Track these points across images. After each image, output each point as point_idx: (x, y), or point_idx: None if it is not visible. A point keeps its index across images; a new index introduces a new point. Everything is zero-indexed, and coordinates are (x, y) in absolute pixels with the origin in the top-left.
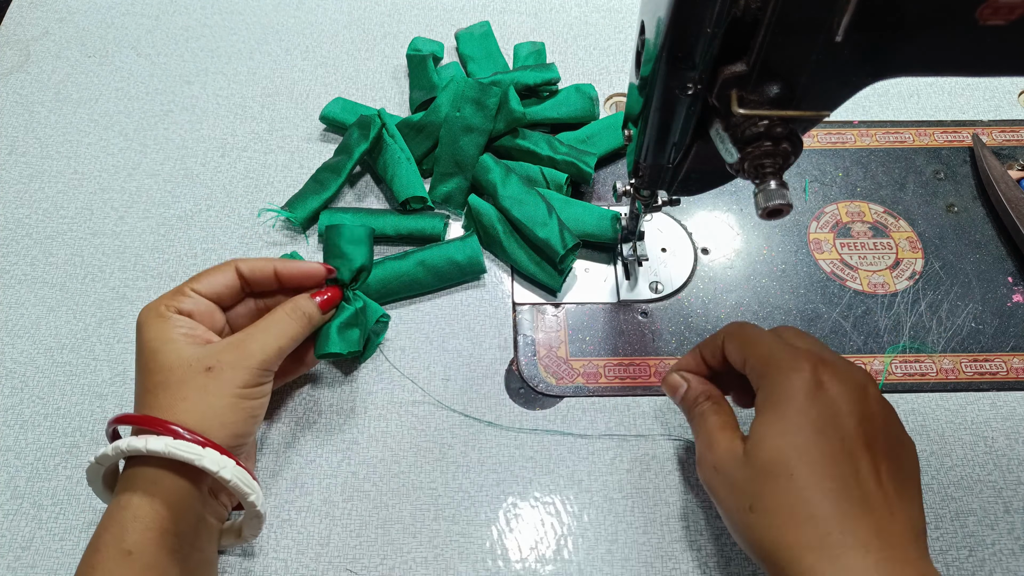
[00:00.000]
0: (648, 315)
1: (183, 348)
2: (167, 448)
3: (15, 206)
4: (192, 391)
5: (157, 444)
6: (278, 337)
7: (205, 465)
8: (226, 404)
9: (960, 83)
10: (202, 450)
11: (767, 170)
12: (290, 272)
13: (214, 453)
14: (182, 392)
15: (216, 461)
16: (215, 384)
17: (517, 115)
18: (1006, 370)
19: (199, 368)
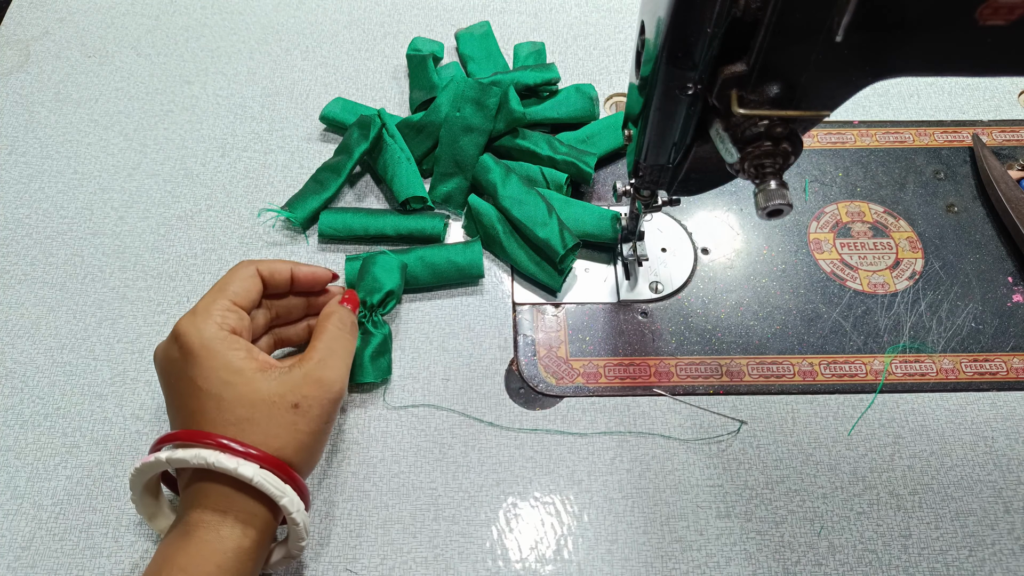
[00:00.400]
0: (648, 315)
1: (257, 380)
2: (255, 477)
3: (15, 206)
4: (283, 430)
5: (247, 470)
6: (347, 359)
7: (283, 504)
8: (313, 441)
9: (960, 83)
10: (284, 486)
11: (767, 170)
12: (304, 275)
13: (292, 493)
14: (274, 430)
15: (293, 502)
16: (304, 422)
17: (517, 115)
18: (1006, 370)
19: (286, 405)
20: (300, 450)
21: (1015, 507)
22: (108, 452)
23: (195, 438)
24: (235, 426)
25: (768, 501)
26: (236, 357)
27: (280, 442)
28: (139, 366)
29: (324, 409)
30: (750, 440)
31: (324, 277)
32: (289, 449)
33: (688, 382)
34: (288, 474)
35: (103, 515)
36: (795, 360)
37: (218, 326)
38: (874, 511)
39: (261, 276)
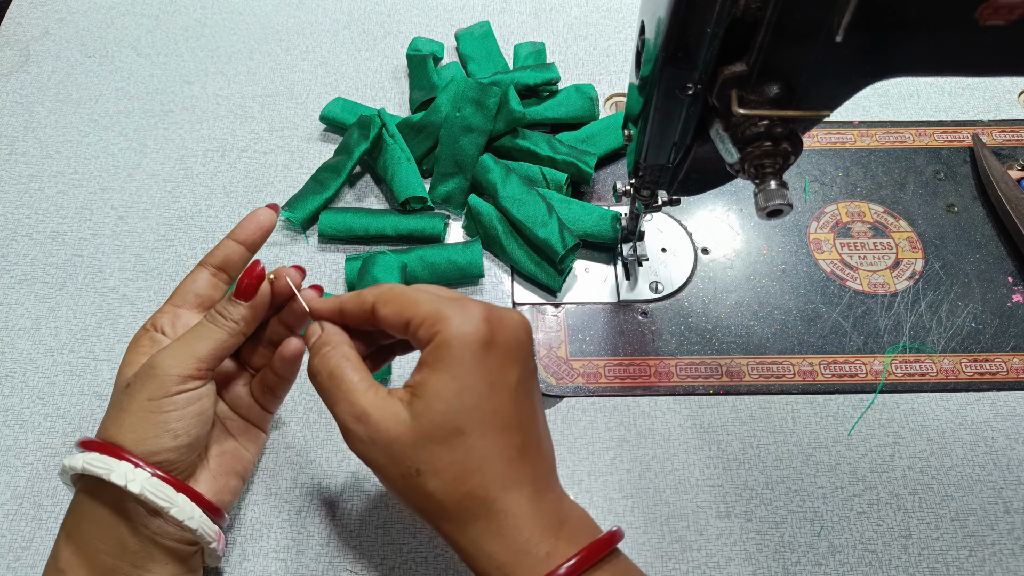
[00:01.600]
0: (648, 315)
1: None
2: (83, 464)
3: (15, 206)
4: (113, 411)
5: (76, 461)
6: (192, 342)
7: (113, 479)
8: (137, 419)
9: (960, 83)
10: (114, 463)
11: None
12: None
13: (127, 466)
14: (108, 413)
15: (126, 474)
16: (128, 399)
17: (517, 115)
18: (1006, 370)
19: (122, 387)
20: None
21: (1015, 507)
22: None
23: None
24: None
25: (768, 501)
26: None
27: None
28: None
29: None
30: (750, 440)
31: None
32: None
33: (688, 382)
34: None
35: None
36: (795, 360)
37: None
38: (874, 511)
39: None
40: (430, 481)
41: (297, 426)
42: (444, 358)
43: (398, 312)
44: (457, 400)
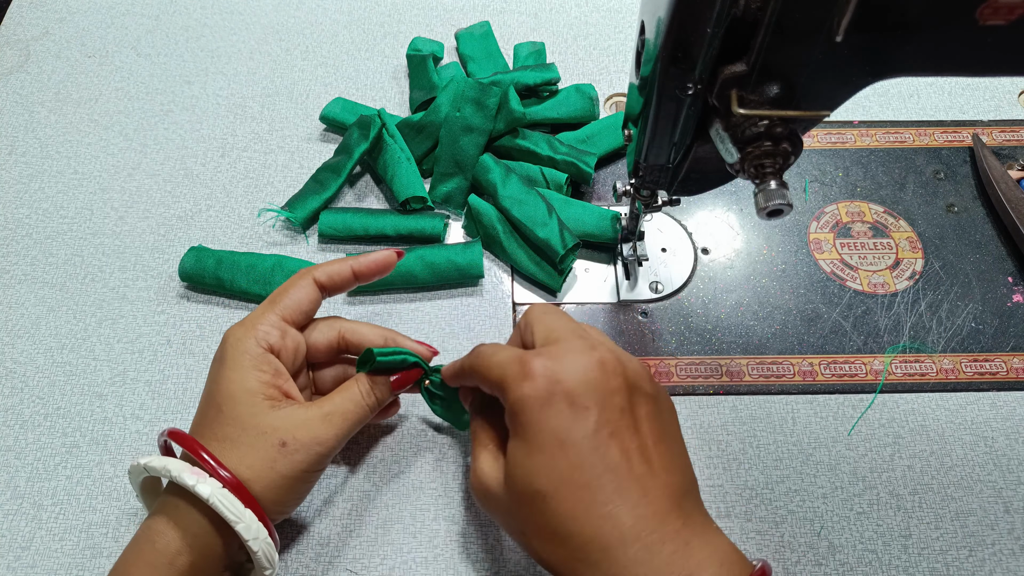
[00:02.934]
0: (648, 315)
1: (260, 406)
2: (210, 497)
3: (15, 206)
4: (260, 462)
5: (204, 489)
6: (351, 424)
7: (239, 530)
8: (288, 484)
9: (960, 83)
10: (243, 511)
11: (767, 170)
12: (365, 268)
13: (252, 519)
14: (250, 459)
15: (251, 529)
16: (285, 463)
17: (517, 115)
18: (1006, 370)
19: (273, 440)
20: (270, 488)
21: (1015, 507)
22: (108, 452)
23: (181, 440)
24: (219, 442)
25: (768, 501)
26: (255, 377)
27: (252, 473)
28: (139, 366)
29: (308, 458)
30: (750, 440)
31: (389, 260)
32: (260, 484)
33: (688, 382)
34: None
35: (103, 515)
36: (795, 360)
37: (255, 341)
38: (874, 511)
39: (319, 284)
40: (533, 542)
41: None
42: (514, 424)
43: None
44: (530, 463)
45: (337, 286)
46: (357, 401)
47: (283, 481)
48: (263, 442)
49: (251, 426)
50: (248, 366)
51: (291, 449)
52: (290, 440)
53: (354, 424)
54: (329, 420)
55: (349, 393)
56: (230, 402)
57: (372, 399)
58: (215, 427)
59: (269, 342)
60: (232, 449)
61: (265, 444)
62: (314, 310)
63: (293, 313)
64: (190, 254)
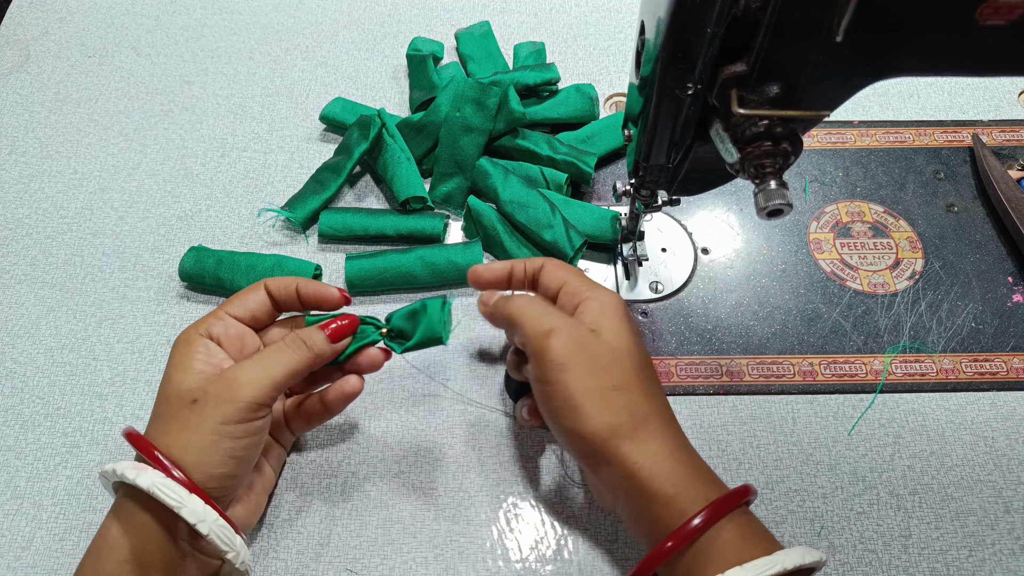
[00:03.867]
0: (648, 315)
1: (187, 378)
2: (151, 487)
3: (15, 206)
4: (176, 425)
5: (144, 480)
6: (270, 367)
7: (183, 515)
8: (206, 442)
9: (960, 83)
10: (186, 496)
11: (767, 170)
12: (307, 293)
13: (197, 502)
14: (168, 425)
15: (196, 512)
16: (196, 418)
17: (517, 115)
18: (1006, 370)
19: (187, 400)
20: (190, 449)
21: (1015, 507)
22: (108, 452)
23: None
24: (152, 424)
25: (768, 501)
26: (190, 357)
27: (170, 438)
28: (139, 366)
29: (219, 408)
30: (750, 440)
31: (331, 296)
32: (177, 447)
33: (688, 382)
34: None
35: (103, 515)
36: (795, 360)
37: (197, 332)
38: (874, 511)
39: (269, 291)
40: (623, 395)
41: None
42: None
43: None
44: (628, 336)
45: (284, 300)
46: (280, 348)
47: (200, 440)
48: (178, 405)
49: (171, 395)
50: (184, 350)
51: (201, 404)
52: (201, 396)
53: (279, 370)
54: (243, 369)
55: (275, 344)
56: (165, 383)
57: (299, 343)
58: (154, 409)
59: (209, 331)
60: (158, 423)
61: (180, 406)
62: (263, 312)
63: (237, 309)
64: (190, 254)
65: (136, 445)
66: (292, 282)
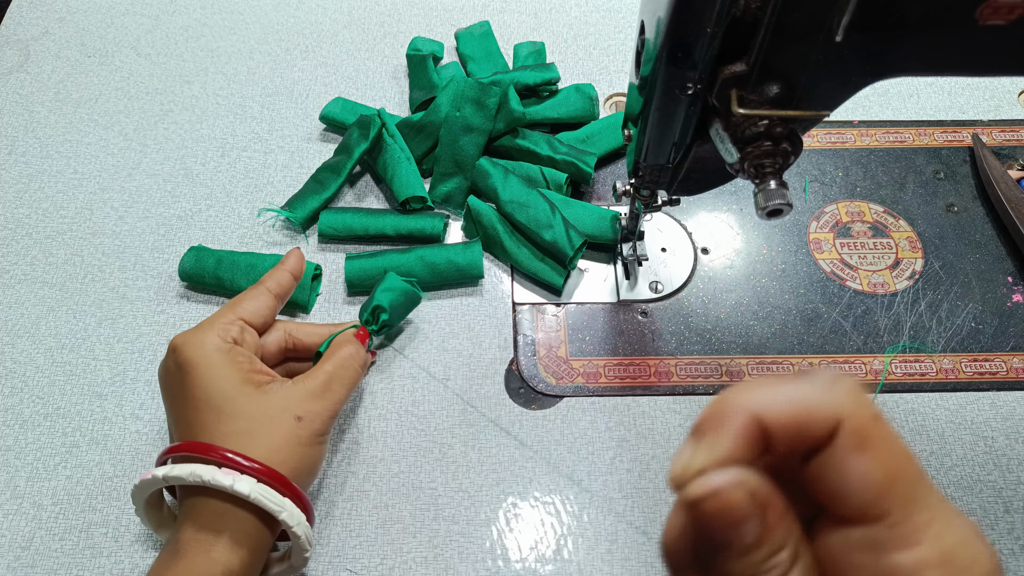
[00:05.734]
0: (648, 315)
1: (259, 392)
2: (251, 493)
3: (15, 206)
4: (286, 442)
5: (243, 486)
6: (349, 387)
7: (283, 519)
8: (315, 453)
9: (960, 83)
10: (283, 500)
11: (767, 170)
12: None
13: (293, 506)
14: (273, 443)
15: (293, 516)
16: (306, 435)
17: (517, 115)
18: (1006, 370)
19: (289, 418)
20: (302, 463)
21: (1015, 507)
22: (108, 452)
23: (196, 450)
24: (236, 438)
25: None
26: (237, 368)
27: (283, 455)
28: (139, 366)
29: (325, 424)
30: None
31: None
32: (292, 462)
33: (688, 382)
34: (288, 487)
35: (103, 515)
36: (795, 360)
37: (220, 338)
38: None
39: (272, 293)
40: None
41: None
42: None
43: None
44: None
45: (286, 291)
46: (351, 365)
47: (306, 452)
48: (280, 422)
49: (261, 414)
50: (225, 362)
51: (307, 421)
52: (304, 413)
53: (350, 385)
54: (330, 386)
55: (339, 358)
56: (227, 400)
57: (360, 360)
58: (221, 427)
59: (232, 336)
60: (251, 440)
61: (283, 424)
62: (271, 318)
63: (252, 316)
64: (190, 254)
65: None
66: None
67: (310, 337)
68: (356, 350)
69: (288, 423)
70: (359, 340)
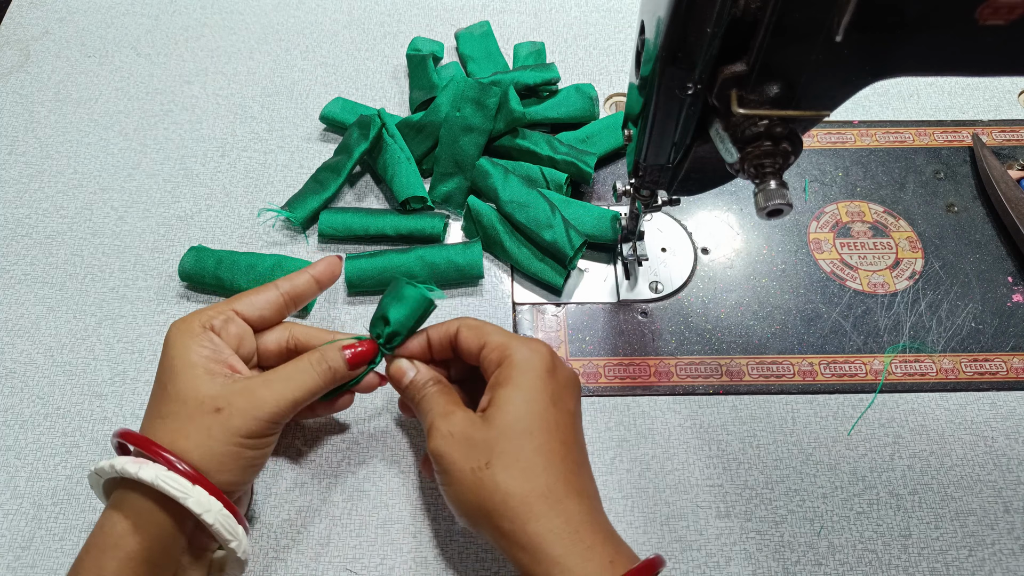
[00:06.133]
0: (648, 315)
1: (201, 380)
2: (155, 480)
3: (15, 206)
4: (196, 431)
5: (147, 473)
6: (295, 390)
7: (189, 505)
8: (227, 451)
9: (960, 83)
10: (190, 487)
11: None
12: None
13: (202, 493)
14: (186, 429)
15: (201, 503)
16: (220, 429)
17: (517, 115)
18: (1006, 370)
19: (209, 407)
20: (210, 457)
21: (1015, 507)
22: (108, 452)
23: (125, 435)
24: (161, 419)
25: (768, 501)
26: (196, 352)
27: (191, 443)
28: (139, 366)
29: (245, 424)
30: (750, 440)
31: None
32: (197, 453)
33: (688, 382)
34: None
35: None
36: (795, 360)
37: (198, 323)
38: (874, 511)
39: (282, 291)
40: (499, 473)
41: (297, 426)
42: (513, 376)
43: (476, 338)
44: (526, 407)
45: (304, 296)
46: (304, 368)
47: (222, 448)
48: (199, 411)
49: (190, 398)
50: (189, 343)
51: (226, 415)
52: (225, 406)
53: (301, 390)
54: (269, 385)
55: (297, 361)
56: (172, 378)
57: (324, 366)
58: (159, 405)
59: (212, 323)
60: (172, 423)
61: (201, 412)
62: (273, 313)
63: (248, 309)
64: (190, 254)
65: (135, 442)
66: (306, 277)
67: (311, 340)
68: (322, 357)
69: (206, 412)
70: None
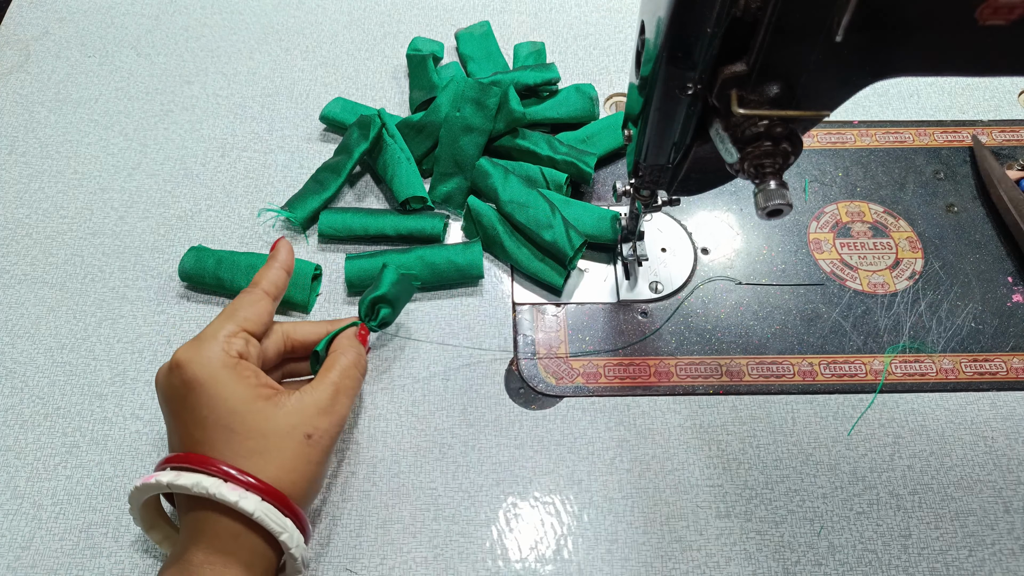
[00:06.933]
0: (648, 315)
1: (268, 410)
2: (255, 511)
3: (15, 206)
4: (294, 460)
5: (248, 504)
6: (354, 397)
7: (283, 540)
8: (322, 472)
9: (960, 83)
10: (284, 521)
11: (767, 170)
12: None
13: (293, 528)
14: (284, 462)
15: (293, 537)
16: (316, 453)
17: (517, 115)
18: (1006, 370)
19: (299, 436)
20: (311, 481)
21: (1015, 507)
22: (108, 452)
23: (198, 463)
24: (246, 459)
25: (768, 501)
26: (245, 385)
27: (295, 475)
28: (139, 366)
29: (333, 440)
30: (750, 440)
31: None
32: (302, 481)
33: (688, 382)
34: (289, 507)
35: (103, 515)
36: (795, 360)
37: (224, 352)
38: (874, 511)
39: (269, 295)
40: None
41: None
42: None
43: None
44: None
45: (281, 289)
46: (349, 372)
47: (317, 471)
48: (290, 441)
49: (271, 431)
50: (233, 379)
51: (317, 438)
52: (313, 430)
53: (354, 393)
54: (337, 399)
55: (343, 367)
56: (236, 418)
57: (362, 362)
58: (232, 446)
59: (237, 350)
60: (261, 459)
61: (293, 443)
62: (270, 322)
63: (254, 325)
64: (190, 254)
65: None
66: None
67: (308, 336)
68: (358, 358)
69: (299, 441)
70: (361, 340)
